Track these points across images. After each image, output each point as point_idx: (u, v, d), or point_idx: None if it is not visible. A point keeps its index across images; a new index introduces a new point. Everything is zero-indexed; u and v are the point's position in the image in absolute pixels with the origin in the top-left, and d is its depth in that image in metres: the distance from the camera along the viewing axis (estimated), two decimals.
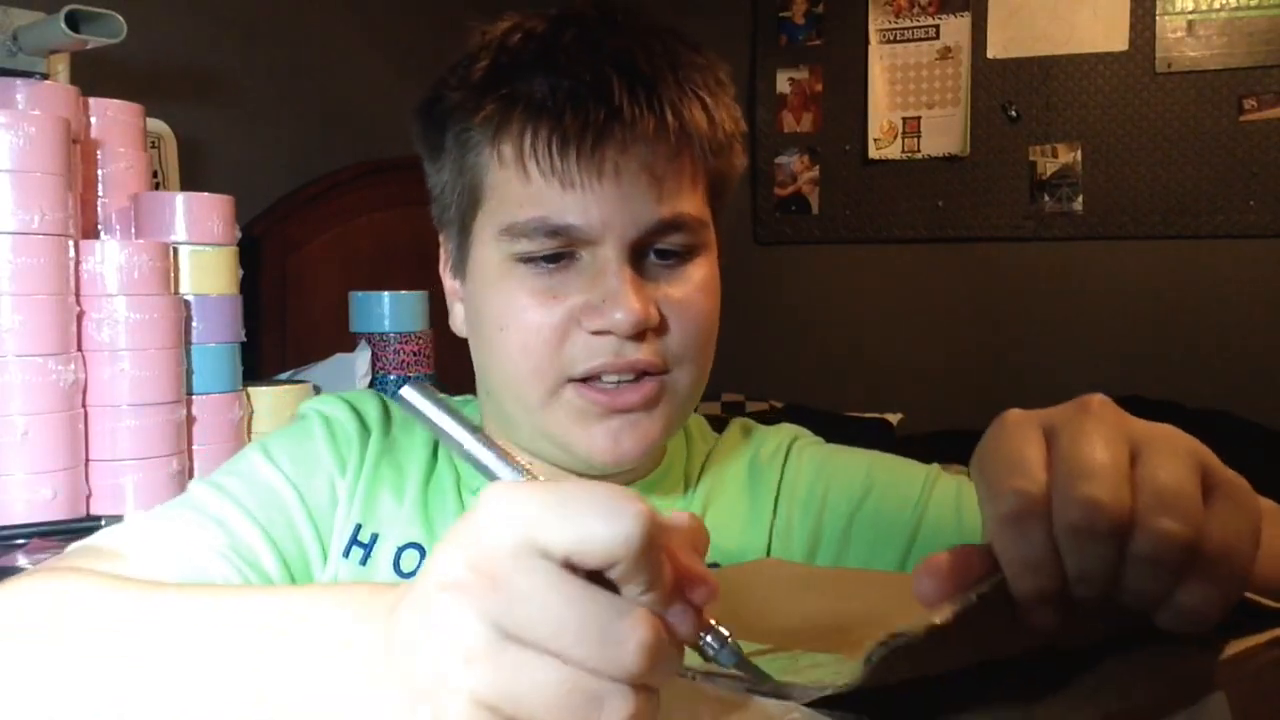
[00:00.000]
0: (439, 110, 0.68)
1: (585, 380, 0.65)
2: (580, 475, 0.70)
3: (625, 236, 0.63)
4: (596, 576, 0.32)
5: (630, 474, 0.72)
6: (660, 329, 0.65)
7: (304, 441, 0.73)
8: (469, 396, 0.79)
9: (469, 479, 0.73)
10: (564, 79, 0.63)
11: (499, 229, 0.65)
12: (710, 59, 0.70)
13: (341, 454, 0.73)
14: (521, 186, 0.64)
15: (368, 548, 0.70)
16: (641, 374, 0.65)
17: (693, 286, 0.66)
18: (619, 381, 0.65)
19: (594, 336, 0.63)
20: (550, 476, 0.70)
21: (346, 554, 0.70)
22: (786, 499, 0.74)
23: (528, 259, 0.64)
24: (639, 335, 0.64)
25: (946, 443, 2.91)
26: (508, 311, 0.65)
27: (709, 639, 0.35)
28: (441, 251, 0.74)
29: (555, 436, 0.67)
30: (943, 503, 0.72)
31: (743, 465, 0.76)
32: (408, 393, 0.38)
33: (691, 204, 0.65)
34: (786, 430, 0.80)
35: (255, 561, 0.67)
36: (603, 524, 0.31)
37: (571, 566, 0.32)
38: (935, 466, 0.78)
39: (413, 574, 0.68)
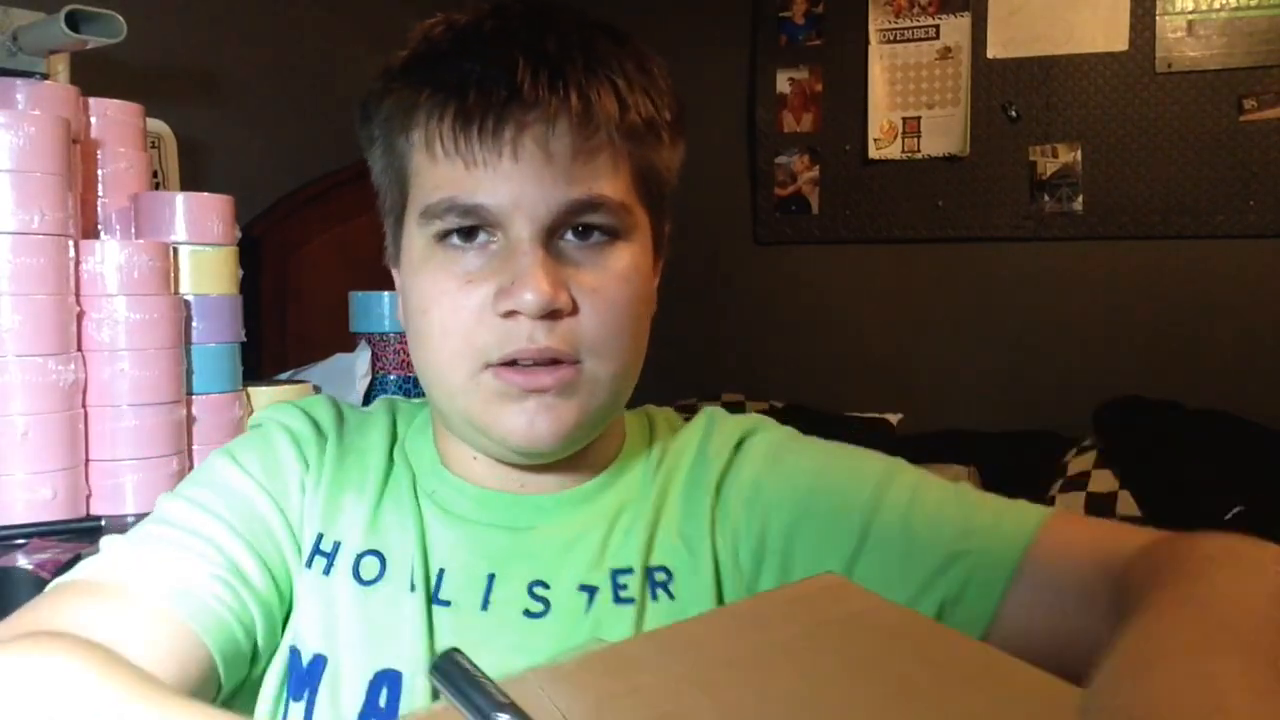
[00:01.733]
0: (368, 103, 0.70)
1: (502, 364, 0.64)
2: (508, 463, 0.70)
3: (535, 217, 0.63)
4: None
5: (585, 467, 0.71)
6: (573, 313, 0.64)
7: (268, 450, 0.73)
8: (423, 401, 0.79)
9: (424, 480, 0.73)
10: (473, 64, 0.63)
11: (418, 213, 0.66)
12: (636, 50, 0.69)
13: (305, 461, 0.73)
14: (432, 169, 0.64)
15: (330, 556, 0.69)
16: (554, 360, 0.64)
17: (611, 274, 0.65)
18: (534, 364, 0.64)
19: (507, 320, 0.63)
20: (485, 482, 0.71)
21: (310, 564, 0.69)
22: (730, 499, 0.71)
23: (444, 236, 0.65)
24: (552, 317, 0.63)
25: (946, 443, 2.92)
26: (429, 295, 0.66)
27: None
28: (386, 238, 0.74)
29: (474, 419, 0.67)
30: (894, 507, 0.68)
31: (690, 460, 0.74)
32: (448, 662, 0.41)
33: (611, 187, 0.64)
34: (746, 422, 0.76)
35: (246, 580, 0.67)
36: None
37: None
38: (897, 461, 0.74)
39: (373, 582, 0.68)
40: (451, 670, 0.39)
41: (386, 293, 1.54)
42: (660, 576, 0.68)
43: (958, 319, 3.10)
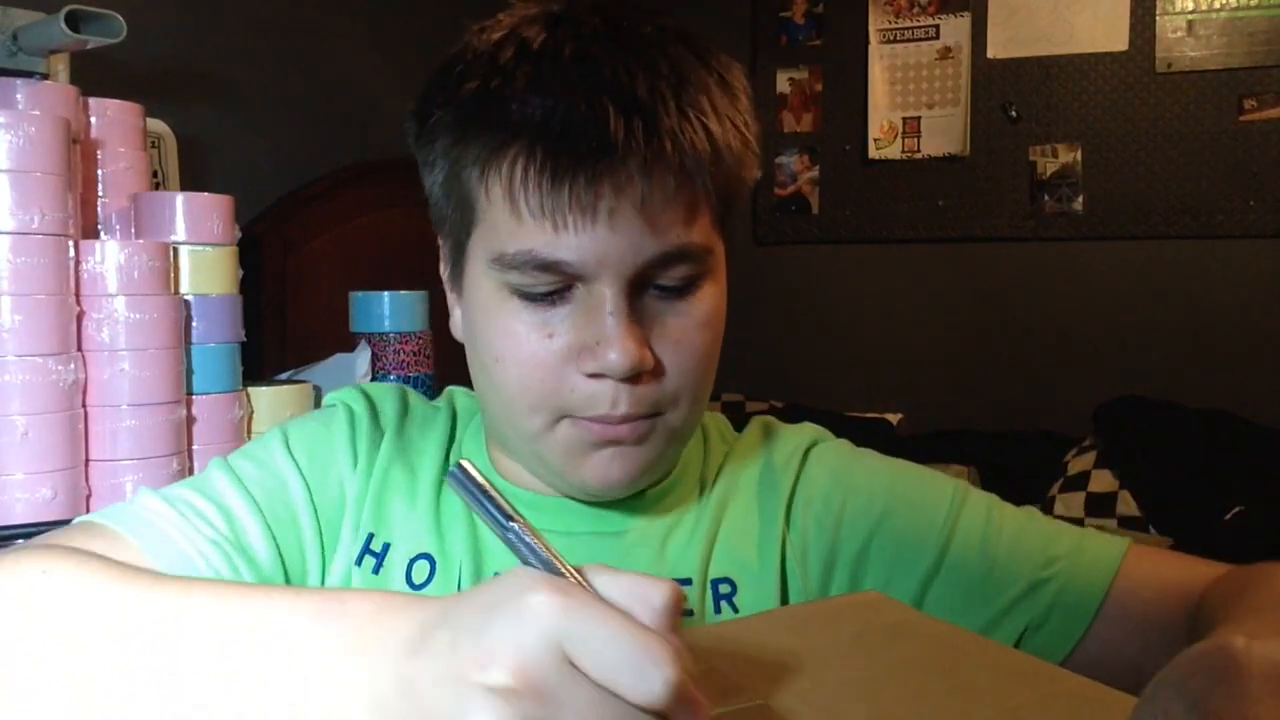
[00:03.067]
0: (429, 125, 0.65)
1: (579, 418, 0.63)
2: (575, 499, 0.69)
3: (621, 274, 0.60)
4: None
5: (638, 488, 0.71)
6: (657, 371, 0.62)
7: (324, 434, 0.73)
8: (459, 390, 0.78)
9: None
10: (558, 108, 0.59)
11: (490, 257, 0.62)
12: (721, 64, 0.66)
13: (356, 452, 0.72)
14: (511, 220, 0.60)
15: (380, 557, 0.69)
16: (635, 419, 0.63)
17: (694, 321, 0.63)
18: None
19: (591, 380, 0.61)
20: (538, 488, 0.70)
21: (359, 562, 0.69)
22: (801, 510, 0.71)
23: (522, 293, 0.62)
24: (635, 379, 0.61)
25: (946, 443, 2.92)
26: (503, 345, 0.63)
27: None
28: (441, 250, 0.72)
29: (549, 463, 0.66)
30: (970, 530, 0.69)
31: (756, 470, 0.73)
32: (464, 467, 0.41)
33: (696, 233, 0.62)
34: (806, 431, 0.76)
35: (250, 556, 0.66)
36: (630, 680, 0.35)
37: None
38: (962, 483, 0.73)
39: (424, 585, 0.68)
40: (467, 481, 0.41)
41: (386, 293, 1.54)
42: (724, 589, 0.68)
43: (958, 319, 3.10)
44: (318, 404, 1.49)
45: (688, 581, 0.67)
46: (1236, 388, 2.74)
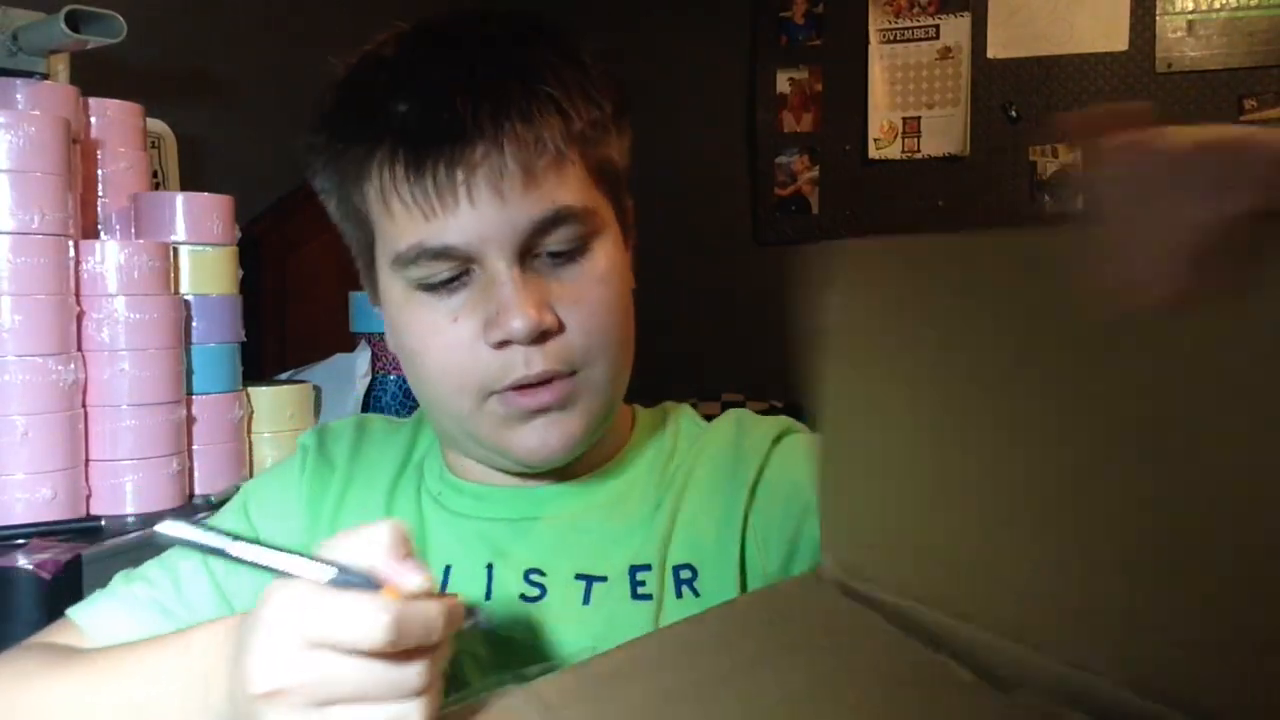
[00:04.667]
0: (309, 157, 0.70)
1: (505, 389, 0.66)
2: (521, 475, 0.72)
3: (505, 246, 0.63)
4: None
5: (586, 460, 0.72)
6: (561, 330, 0.65)
7: (277, 485, 0.78)
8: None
9: (429, 484, 0.75)
10: (410, 107, 0.63)
11: (389, 261, 0.66)
12: (567, 46, 0.68)
13: (307, 491, 0.76)
14: (396, 219, 0.65)
15: None
16: (552, 379, 0.66)
17: (591, 279, 0.66)
18: (536, 384, 0.66)
19: (501, 350, 0.64)
20: (487, 480, 0.73)
21: None
22: (766, 495, 0.71)
23: (425, 285, 0.65)
24: (541, 339, 0.64)
25: None
26: (419, 339, 0.67)
27: (465, 625, 0.48)
28: (360, 271, 0.76)
29: (488, 441, 0.68)
30: None
31: (723, 457, 0.74)
32: (166, 527, 0.47)
33: (572, 194, 0.65)
34: (779, 421, 0.77)
35: (195, 612, 0.72)
36: (358, 636, 0.43)
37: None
38: None
39: None
40: (172, 537, 0.47)
41: None
42: (685, 574, 0.69)
43: None
44: (318, 404, 1.49)
45: (646, 567, 0.68)
46: None
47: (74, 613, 0.73)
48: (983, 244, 0.41)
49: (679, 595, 0.68)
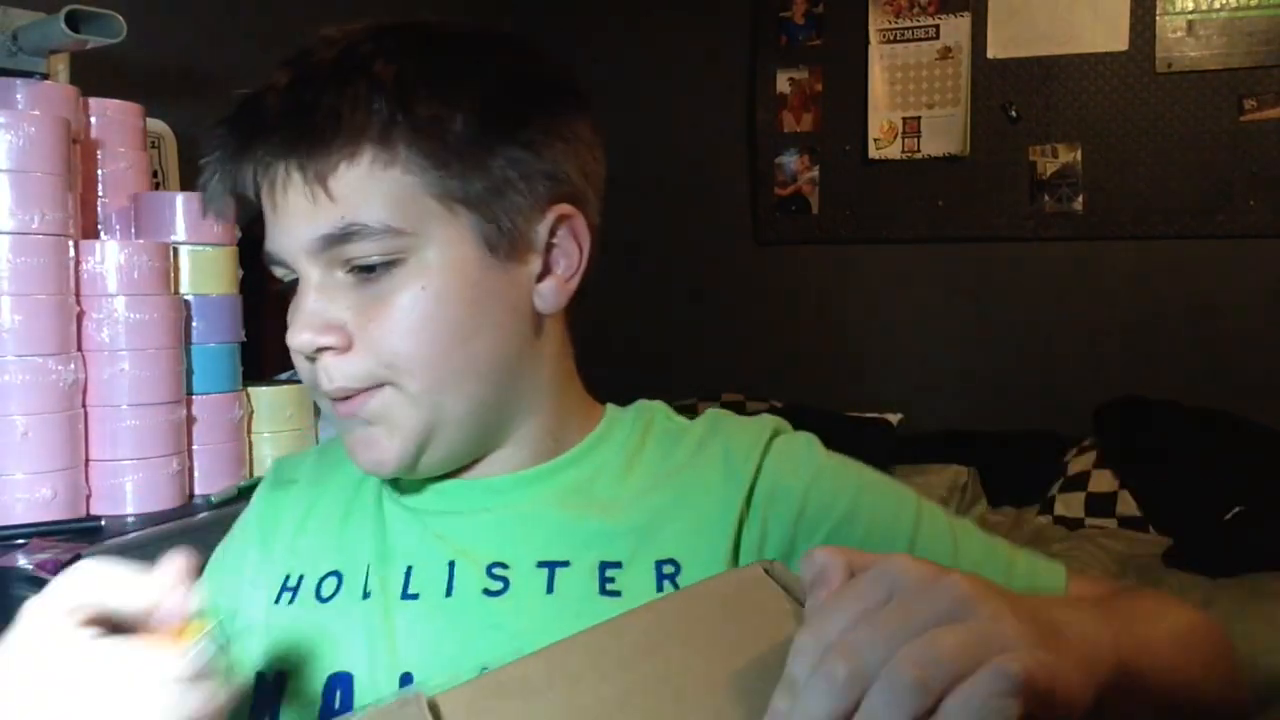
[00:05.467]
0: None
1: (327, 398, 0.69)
2: (470, 468, 0.72)
3: (302, 256, 0.65)
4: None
5: (537, 451, 0.72)
6: (349, 346, 0.66)
7: (238, 541, 0.79)
8: None
9: (390, 486, 0.74)
10: (246, 105, 0.66)
11: None
12: (438, 51, 0.66)
13: (261, 521, 0.78)
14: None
15: (295, 590, 0.72)
16: (351, 395, 0.67)
17: (396, 294, 0.65)
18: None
19: (306, 361, 0.67)
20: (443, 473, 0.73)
21: (278, 601, 0.72)
22: (762, 501, 0.70)
23: (285, 288, 0.69)
24: (331, 353, 0.66)
25: (946, 443, 2.92)
26: None
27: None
28: None
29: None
30: (934, 548, 0.68)
31: (712, 456, 0.72)
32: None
33: (358, 213, 0.63)
34: (768, 422, 0.75)
35: None
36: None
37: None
38: (918, 496, 0.73)
39: (331, 599, 0.70)
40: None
41: None
42: (668, 569, 0.67)
43: (958, 319, 3.10)
44: (317, 404, 1.49)
45: (617, 565, 0.67)
46: (1236, 388, 2.74)
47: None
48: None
49: (659, 589, 0.67)
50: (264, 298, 2.04)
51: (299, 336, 0.65)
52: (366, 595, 0.69)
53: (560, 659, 0.48)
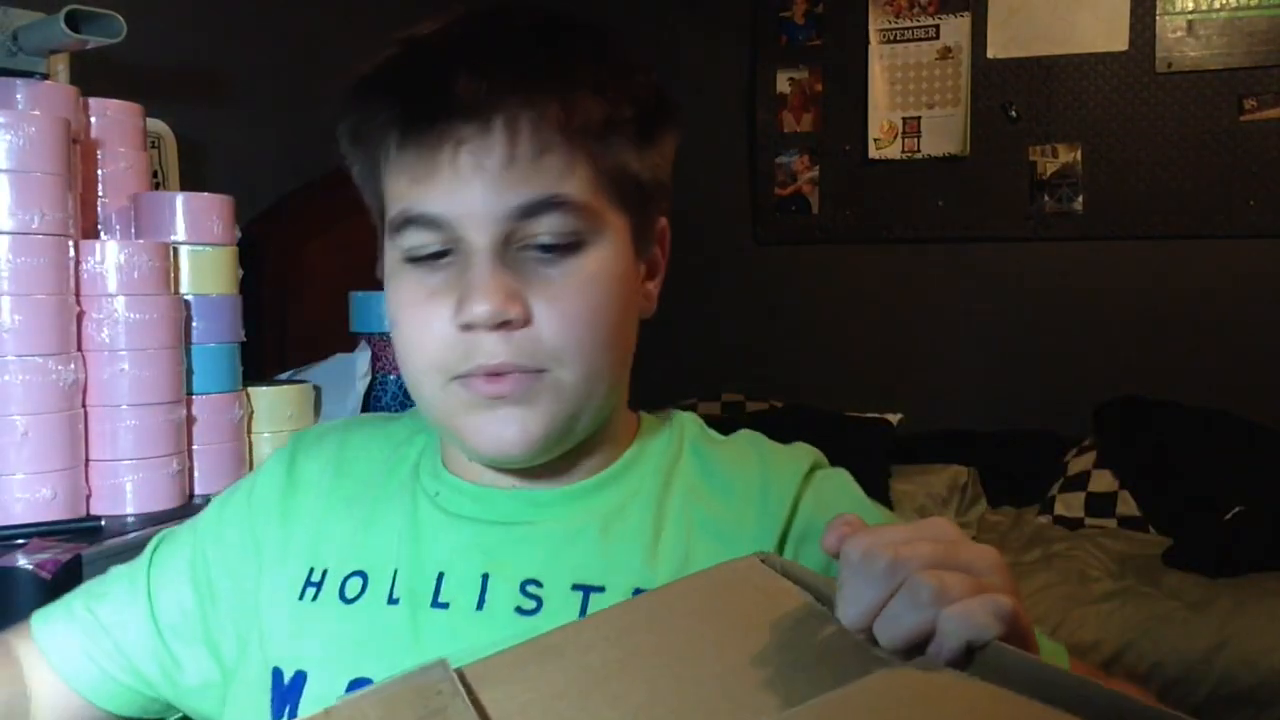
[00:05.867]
0: (338, 126, 0.71)
1: (468, 375, 0.65)
2: (519, 475, 0.70)
3: (486, 224, 0.62)
4: None
5: (586, 465, 0.71)
6: (530, 323, 0.63)
7: (258, 499, 0.78)
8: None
9: (426, 482, 0.73)
10: (418, 77, 0.64)
11: (388, 229, 0.67)
12: (600, 47, 0.66)
13: (264, 508, 0.76)
14: (393, 181, 0.65)
15: (319, 586, 0.70)
16: (512, 371, 0.64)
17: (574, 280, 0.64)
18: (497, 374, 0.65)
19: (466, 334, 0.63)
20: (485, 480, 0.72)
21: (301, 597, 0.71)
22: (797, 539, 0.70)
23: (413, 259, 0.65)
24: (505, 328, 0.63)
25: (946, 443, 2.92)
26: (399, 309, 0.67)
27: None
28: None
29: (449, 427, 0.68)
30: None
31: (750, 481, 0.72)
32: None
33: (569, 187, 0.63)
34: (806, 453, 0.75)
35: (136, 669, 0.76)
36: None
37: None
38: None
39: (355, 599, 0.69)
40: None
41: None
42: None
43: (958, 319, 3.10)
44: (318, 404, 1.49)
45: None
46: (1236, 388, 2.74)
47: (37, 626, 0.77)
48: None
49: None
50: (264, 298, 2.04)
51: (481, 305, 0.61)
52: (394, 601, 0.67)
53: (574, 632, 0.52)
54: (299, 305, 2.10)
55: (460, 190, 0.62)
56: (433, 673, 0.49)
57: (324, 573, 0.71)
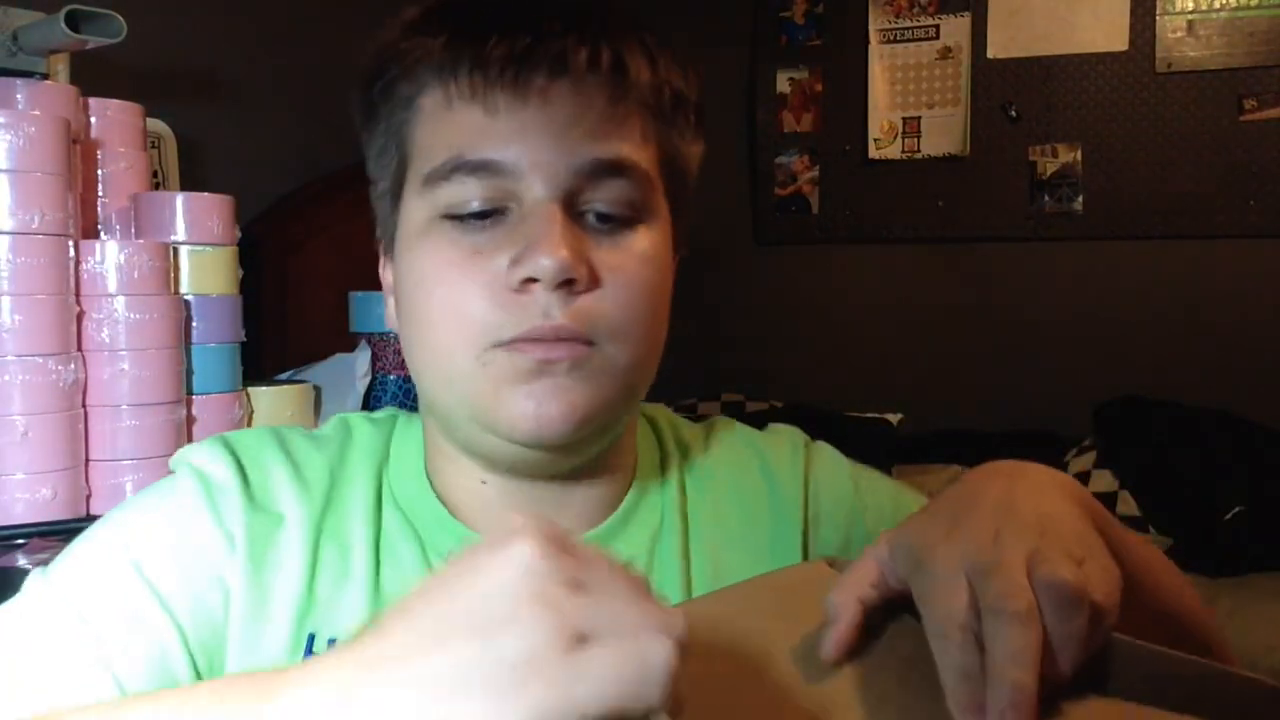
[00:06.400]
0: (369, 71, 0.63)
1: (513, 343, 0.58)
2: (514, 462, 0.62)
3: (555, 176, 0.57)
4: None
5: (606, 494, 0.66)
6: (590, 289, 0.58)
7: (183, 542, 0.61)
8: (397, 413, 0.71)
9: (430, 535, 0.64)
10: (493, 13, 0.58)
11: (421, 183, 0.59)
12: (653, 32, 0.64)
13: (258, 560, 0.61)
14: (443, 125, 0.58)
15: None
16: (568, 338, 0.58)
17: (633, 254, 0.60)
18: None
19: (521, 294, 0.57)
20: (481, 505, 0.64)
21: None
22: (815, 529, 0.70)
23: (454, 216, 0.58)
24: (569, 289, 0.57)
25: (946, 443, 2.92)
26: (431, 270, 0.59)
27: None
28: (379, 238, 0.68)
29: (478, 406, 0.59)
30: None
31: (753, 477, 0.70)
32: None
33: (636, 153, 0.59)
34: (792, 435, 0.74)
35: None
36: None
37: None
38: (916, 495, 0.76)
39: None
40: None
41: None
42: None
43: (958, 319, 3.10)
44: (318, 404, 1.49)
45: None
46: (1236, 388, 2.74)
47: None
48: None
49: None
50: (264, 298, 2.04)
51: (549, 258, 0.55)
52: None
53: None
54: (299, 305, 2.11)
55: (534, 134, 0.57)
56: None
57: (329, 641, 0.60)
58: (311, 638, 0.60)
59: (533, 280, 0.56)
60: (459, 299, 0.58)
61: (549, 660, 0.34)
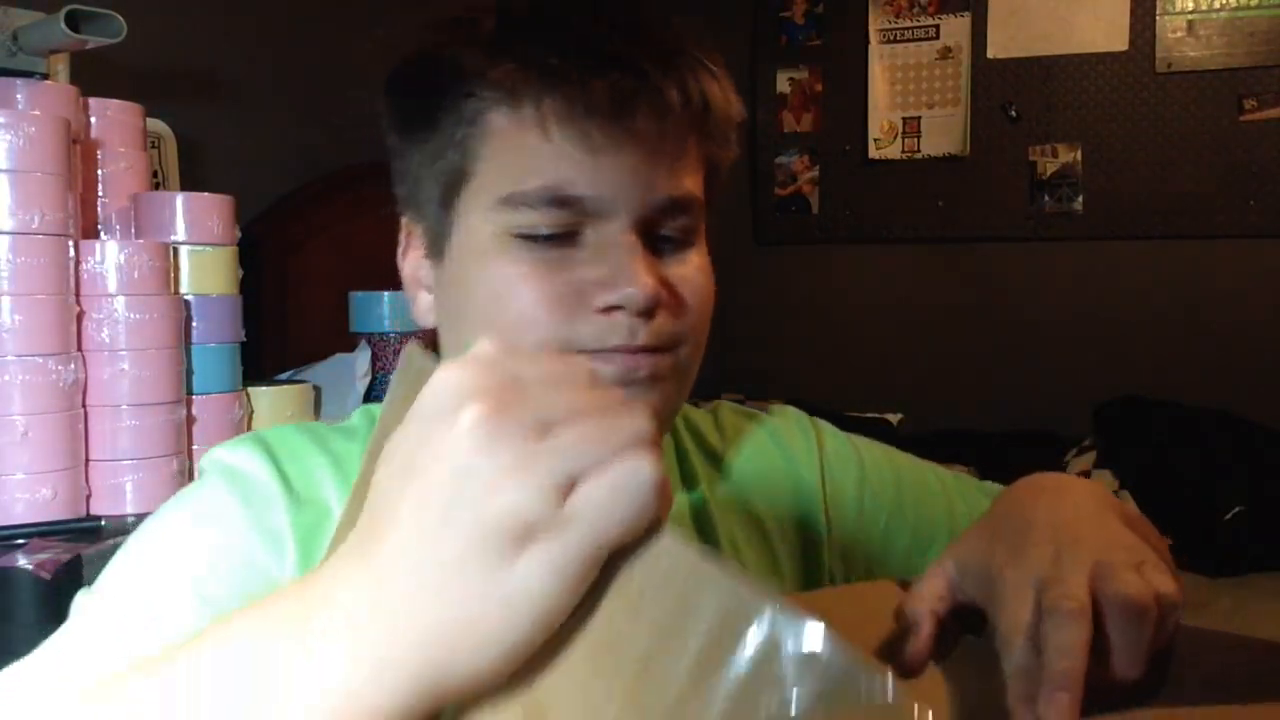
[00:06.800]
0: (430, 76, 0.63)
1: (596, 353, 0.60)
2: None
3: (636, 212, 0.60)
4: None
5: None
6: (672, 305, 0.62)
7: (231, 547, 0.61)
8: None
9: None
10: (583, 44, 0.60)
11: (497, 200, 0.60)
12: (705, 47, 0.67)
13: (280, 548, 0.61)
14: (531, 154, 0.60)
15: None
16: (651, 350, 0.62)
17: (693, 268, 0.64)
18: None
19: (603, 315, 0.59)
20: None
21: None
22: (835, 510, 0.76)
23: (526, 235, 0.60)
24: (649, 313, 0.60)
25: (946, 443, 2.92)
26: (504, 283, 0.60)
27: None
28: (401, 236, 0.69)
29: None
30: (971, 515, 0.76)
31: (771, 461, 0.76)
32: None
33: (695, 185, 0.63)
34: (798, 418, 0.81)
35: None
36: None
37: None
38: (931, 465, 0.83)
39: None
40: None
41: (386, 292, 1.54)
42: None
43: (958, 319, 3.10)
44: (318, 404, 1.49)
45: None
46: (1236, 388, 2.73)
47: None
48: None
49: None
50: (264, 298, 2.04)
51: (637, 290, 0.58)
52: None
53: None
54: (299, 305, 2.10)
55: (624, 175, 0.60)
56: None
57: None
58: None
59: (618, 307, 0.60)
60: (536, 309, 0.60)
61: (545, 519, 0.34)
